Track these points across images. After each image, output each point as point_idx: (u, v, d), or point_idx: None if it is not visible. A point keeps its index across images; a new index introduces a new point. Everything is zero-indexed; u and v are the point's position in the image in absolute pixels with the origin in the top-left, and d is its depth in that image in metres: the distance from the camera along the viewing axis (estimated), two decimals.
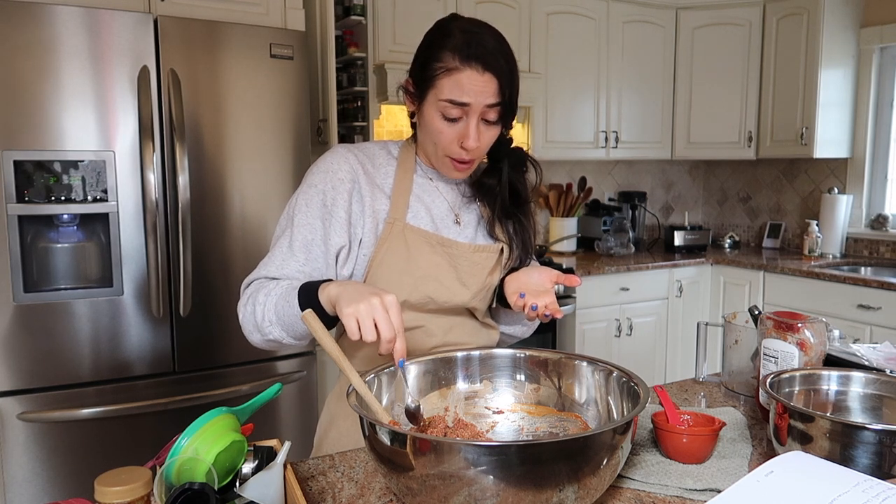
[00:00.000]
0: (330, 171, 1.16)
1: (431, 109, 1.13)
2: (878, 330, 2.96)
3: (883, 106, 3.59)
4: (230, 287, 2.30)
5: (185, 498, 0.76)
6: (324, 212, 1.14)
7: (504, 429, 1.07)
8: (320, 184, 1.15)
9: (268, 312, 1.08)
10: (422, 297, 1.17)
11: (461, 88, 1.09)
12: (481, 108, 1.10)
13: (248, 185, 2.30)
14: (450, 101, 1.10)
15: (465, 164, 1.16)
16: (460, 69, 1.09)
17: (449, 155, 1.15)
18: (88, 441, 2.11)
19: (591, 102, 3.64)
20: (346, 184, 1.15)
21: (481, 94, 1.09)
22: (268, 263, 1.14)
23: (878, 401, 1.08)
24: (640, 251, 3.94)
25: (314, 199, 1.15)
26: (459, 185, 1.27)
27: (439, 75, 1.10)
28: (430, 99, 1.13)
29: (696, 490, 0.95)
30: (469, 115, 1.11)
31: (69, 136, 2.03)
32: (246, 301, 1.12)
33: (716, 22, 3.78)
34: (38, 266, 2.07)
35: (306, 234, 1.14)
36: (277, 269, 1.13)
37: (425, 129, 1.16)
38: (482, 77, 1.09)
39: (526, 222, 1.27)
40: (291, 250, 1.13)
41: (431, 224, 1.20)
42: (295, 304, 1.03)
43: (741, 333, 1.35)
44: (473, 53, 1.09)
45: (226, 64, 2.23)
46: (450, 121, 1.12)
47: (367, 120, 2.96)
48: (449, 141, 1.13)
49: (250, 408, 0.95)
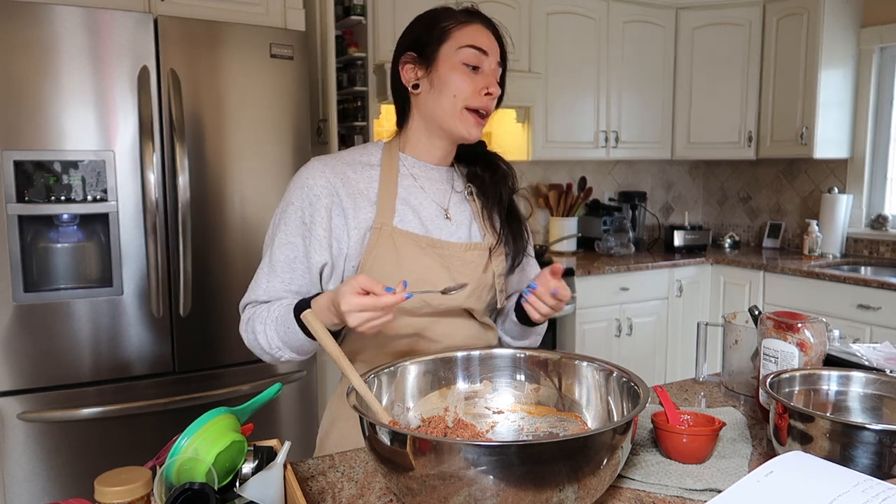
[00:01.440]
0: (306, 188, 1.14)
1: (448, 64, 1.14)
2: (878, 330, 2.96)
3: (883, 106, 3.59)
4: (230, 287, 2.30)
5: (185, 498, 0.76)
6: (303, 229, 1.14)
7: (504, 429, 1.07)
8: (297, 201, 1.14)
9: (272, 339, 1.11)
10: (416, 301, 1.14)
11: (478, 37, 1.15)
12: (494, 63, 1.17)
13: (248, 185, 2.30)
14: (471, 46, 1.14)
15: (483, 119, 1.18)
16: (472, 21, 1.16)
17: (471, 106, 1.15)
18: (88, 441, 2.11)
19: (591, 102, 3.64)
20: (322, 199, 1.13)
21: (494, 47, 1.16)
22: (255, 287, 1.17)
23: (878, 401, 1.08)
24: (640, 251, 3.94)
25: (292, 217, 1.14)
26: (448, 180, 1.25)
27: (453, 27, 1.15)
28: (445, 53, 1.14)
29: (696, 490, 0.95)
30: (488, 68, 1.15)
31: (69, 135, 2.03)
32: (245, 327, 1.15)
33: (716, 22, 3.78)
34: (38, 266, 2.07)
35: (287, 253, 1.14)
36: (265, 292, 1.15)
37: (443, 87, 1.15)
38: (489, 35, 1.17)
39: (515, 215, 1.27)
40: (273, 270, 1.15)
41: (420, 226, 1.18)
42: (295, 328, 1.06)
43: (741, 333, 1.35)
44: (477, 13, 1.18)
45: (226, 64, 2.23)
46: (472, 68, 1.14)
47: (367, 120, 2.96)
48: (473, 90, 1.14)
49: (250, 408, 0.95)
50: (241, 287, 2.29)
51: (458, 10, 1.19)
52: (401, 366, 1.05)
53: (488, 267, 1.22)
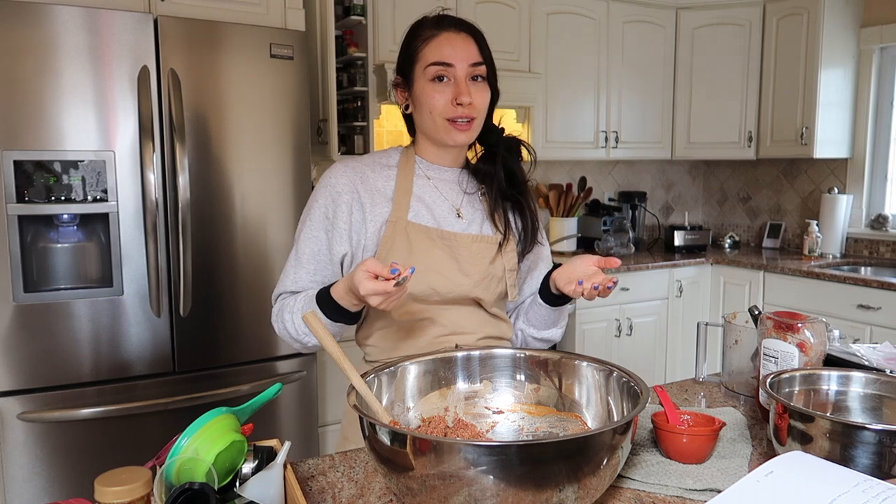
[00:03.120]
0: (329, 186, 1.24)
1: (421, 82, 1.21)
2: (878, 330, 2.96)
3: (883, 106, 3.59)
4: (230, 287, 2.30)
5: (185, 498, 0.76)
6: (326, 224, 1.23)
7: (504, 429, 1.07)
8: (321, 198, 1.24)
9: (298, 327, 1.18)
10: (425, 289, 1.21)
11: (441, 50, 1.19)
12: (466, 67, 1.19)
13: (248, 185, 2.30)
14: (435, 63, 1.19)
15: (465, 125, 1.21)
16: (437, 34, 1.21)
17: (447, 117, 1.20)
18: (88, 441, 2.11)
19: (591, 102, 3.64)
20: (344, 195, 1.23)
21: (462, 52, 1.19)
22: (284, 279, 1.26)
23: (878, 401, 1.08)
24: (640, 251, 3.94)
25: (317, 213, 1.24)
26: (460, 181, 1.31)
27: (420, 47, 1.21)
28: (417, 73, 1.22)
29: (696, 490, 0.95)
30: (456, 74, 1.19)
31: (69, 136, 2.03)
32: (275, 317, 1.24)
33: (716, 22, 3.78)
34: (38, 266, 2.07)
35: (312, 246, 1.24)
36: (293, 283, 1.24)
37: (420, 105, 1.23)
38: (458, 36, 1.21)
39: (526, 205, 1.31)
40: (300, 262, 1.24)
41: (433, 221, 1.25)
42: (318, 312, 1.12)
43: (741, 333, 1.35)
44: (445, 21, 1.23)
45: (226, 64, 2.23)
46: (439, 82, 1.19)
47: (367, 120, 2.96)
48: (444, 103, 1.20)
49: (250, 408, 0.95)
50: (241, 287, 2.30)
51: (429, 20, 1.24)
52: (401, 366, 1.05)
53: (496, 260, 1.27)
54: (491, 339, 1.30)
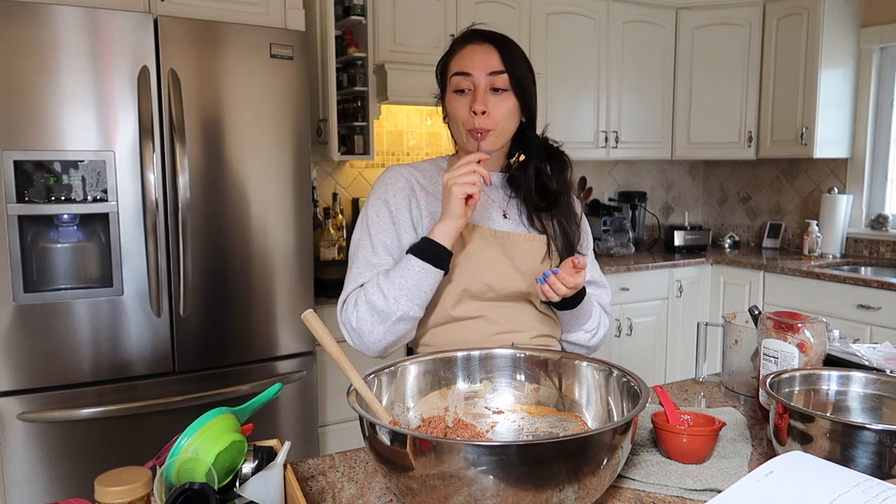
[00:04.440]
0: (389, 184, 1.30)
1: (448, 97, 1.28)
2: (878, 330, 2.96)
3: (883, 106, 3.59)
4: (230, 287, 2.30)
5: (185, 498, 0.76)
6: (391, 216, 1.28)
7: (504, 429, 1.07)
8: (383, 195, 1.29)
9: (389, 292, 1.16)
10: (480, 285, 1.25)
11: (463, 61, 1.24)
12: (485, 76, 1.23)
13: (248, 184, 2.30)
14: (456, 73, 1.24)
15: (482, 134, 1.23)
16: (463, 46, 1.26)
17: (466, 127, 1.24)
18: (88, 441, 2.11)
19: (591, 102, 3.64)
20: (404, 191, 1.30)
21: (482, 62, 1.23)
22: (357, 277, 1.24)
23: (878, 401, 1.08)
24: (640, 251, 3.94)
25: (382, 209, 1.28)
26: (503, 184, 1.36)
27: (449, 60, 1.28)
28: (447, 83, 1.28)
29: (696, 490, 0.95)
30: (475, 83, 1.23)
31: (69, 136, 2.03)
32: (354, 308, 1.21)
33: (716, 22, 3.78)
34: (38, 266, 2.07)
35: (384, 239, 1.27)
36: (370, 273, 1.23)
37: (450, 116, 1.29)
38: (481, 48, 1.24)
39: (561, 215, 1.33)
40: (376, 254, 1.26)
41: (484, 221, 1.30)
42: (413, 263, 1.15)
43: (741, 333, 1.35)
44: (473, 33, 1.28)
45: (226, 64, 2.23)
46: (460, 93, 1.24)
47: (367, 120, 2.96)
48: (463, 112, 1.24)
49: (250, 408, 0.95)
50: (241, 287, 2.30)
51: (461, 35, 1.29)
52: (401, 366, 1.05)
53: (546, 259, 1.30)
54: (544, 336, 1.33)
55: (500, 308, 1.28)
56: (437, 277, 1.18)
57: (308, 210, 2.43)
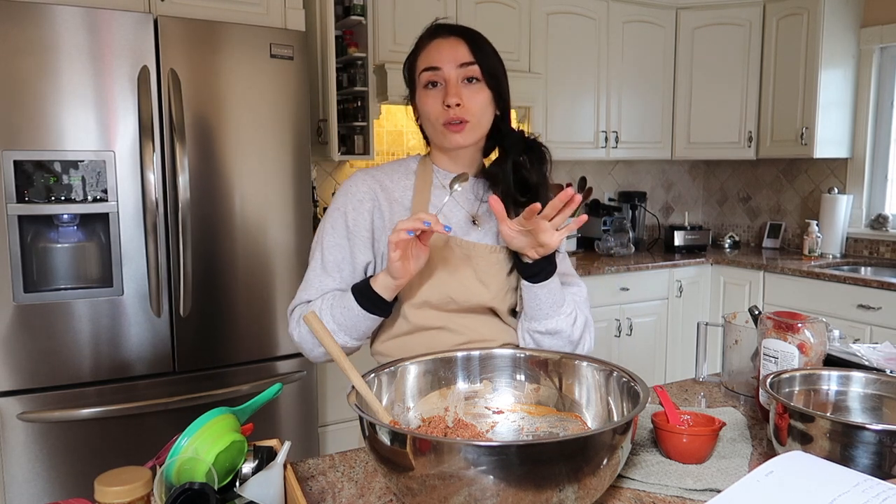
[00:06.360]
0: (350, 194, 1.25)
1: (418, 93, 1.23)
2: (878, 330, 2.96)
3: (883, 106, 3.59)
4: (230, 287, 2.30)
5: (185, 498, 0.76)
6: (348, 232, 1.23)
7: (504, 429, 1.07)
8: (342, 206, 1.25)
9: (328, 325, 1.16)
10: (443, 296, 1.21)
11: (430, 56, 1.21)
12: (456, 69, 1.19)
13: (248, 185, 2.30)
14: (425, 69, 1.21)
15: (457, 126, 1.19)
16: (429, 42, 1.23)
17: (441, 120, 1.20)
18: (88, 441, 2.11)
19: (591, 102, 3.64)
20: (365, 203, 1.24)
21: (451, 55, 1.19)
22: (306, 287, 1.24)
23: (878, 401, 1.08)
24: (640, 251, 3.94)
25: (338, 221, 1.24)
26: (475, 189, 1.30)
27: (416, 57, 1.24)
28: (416, 82, 1.24)
29: (696, 490, 0.95)
30: (446, 77, 1.19)
31: (69, 136, 2.03)
32: (297, 324, 1.22)
33: (716, 22, 3.78)
34: (38, 266, 2.07)
35: (336, 255, 1.23)
36: (317, 291, 1.23)
37: (421, 115, 1.25)
38: (448, 41, 1.21)
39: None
40: (325, 271, 1.23)
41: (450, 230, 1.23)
42: (353, 305, 1.14)
43: (741, 333, 1.35)
44: (438, 27, 1.24)
45: (226, 64, 2.23)
46: (432, 88, 1.20)
47: (367, 120, 2.96)
48: (436, 107, 1.20)
49: (250, 408, 0.95)
50: (241, 287, 2.30)
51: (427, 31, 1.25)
52: (401, 366, 1.05)
53: (513, 272, 1.25)
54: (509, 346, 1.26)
55: (463, 319, 1.25)
56: (376, 321, 1.17)
57: (308, 210, 2.43)
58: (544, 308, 1.22)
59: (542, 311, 1.22)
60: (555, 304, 1.22)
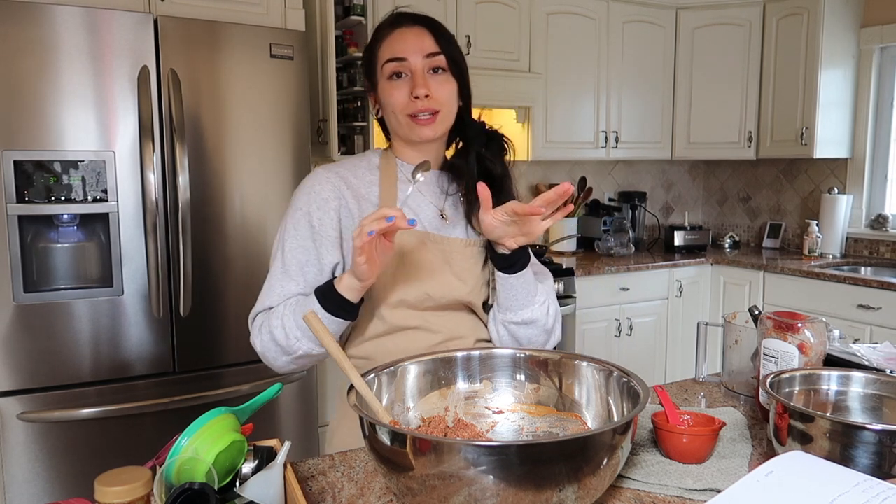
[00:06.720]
0: (313, 193, 1.18)
1: (381, 85, 1.19)
2: (878, 330, 2.96)
3: (883, 106, 3.59)
4: (230, 287, 2.30)
5: (185, 498, 0.76)
6: (312, 232, 1.17)
7: (504, 429, 1.07)
8: (305, 206, 1.18)
9: (290, 330, 1.11)
10: (419, 294, 1.18)
11: (394, 46, 1.16)
12: (422, 59, 1.16)
13: (248, 185, 2.30)
14: (389, 60, 1.16)
15: (427, 119, 1.16)
16: (392, 31, 1.18)
17: (407, 113, 1.16)
18: (88, 441, 2.11)
19: (591, 102, 3.64)
20: (331, 202, 1.18)
21: (416, 45, 1.15)
22: (268, 293, 1.17)
23: (878, 401, 1.08)
24: (640, 251, 3.94)
25: (302, 222, 1.17)
26: (440, 182, 1.26)
27: (378, 47, 1.19)
28: (379, 76, 1.19)
29: (696, 490, 0.95)
30: (412, 68, 1.15)
31: (69, 136, 2.03)
32: (259, 332, 1.16)
33: (716, 22, 3.78)
34: (38, 266, 2.07)
35: (299, 257, 1.17)
36: (279, 296, 1.16)
37: (385, 105, 1.20)
38: (412, 30, 1.17)
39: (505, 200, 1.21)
40: (287, 275, 1.17)
41: (421, 225, 1.21)
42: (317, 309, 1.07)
43: (741, 333, 1.35)
44: (400, 16, 1.19)
45: (226, 64, 2.23)
46: (397, 79, 1.16)
47: (367, 120, 2.96)
48: (402, 98, 1.16)
49: (250, 408, 0.95)
50: (241, 287, 2.30)
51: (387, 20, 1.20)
52: (401, 366, 1.05)
53: (486, 264, 1.24)
54: (483, 342, 1.27)
55: (440, 317, 1.22)
56: (342, 325, 1.10)
57: None
58: (520, 298, 1.20)
59: (517, 301, 1.20)
60: (529, 293, 1.20)
